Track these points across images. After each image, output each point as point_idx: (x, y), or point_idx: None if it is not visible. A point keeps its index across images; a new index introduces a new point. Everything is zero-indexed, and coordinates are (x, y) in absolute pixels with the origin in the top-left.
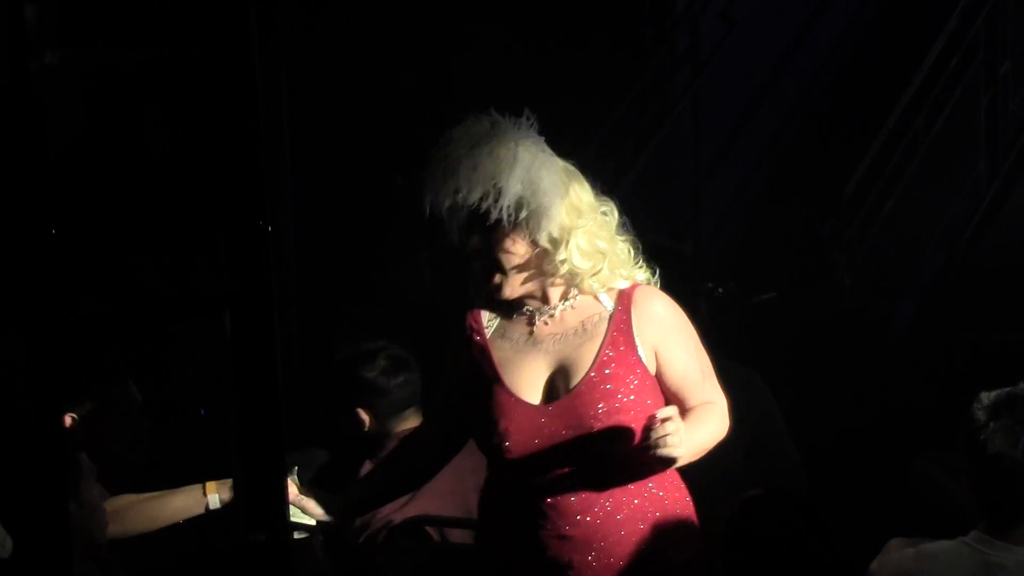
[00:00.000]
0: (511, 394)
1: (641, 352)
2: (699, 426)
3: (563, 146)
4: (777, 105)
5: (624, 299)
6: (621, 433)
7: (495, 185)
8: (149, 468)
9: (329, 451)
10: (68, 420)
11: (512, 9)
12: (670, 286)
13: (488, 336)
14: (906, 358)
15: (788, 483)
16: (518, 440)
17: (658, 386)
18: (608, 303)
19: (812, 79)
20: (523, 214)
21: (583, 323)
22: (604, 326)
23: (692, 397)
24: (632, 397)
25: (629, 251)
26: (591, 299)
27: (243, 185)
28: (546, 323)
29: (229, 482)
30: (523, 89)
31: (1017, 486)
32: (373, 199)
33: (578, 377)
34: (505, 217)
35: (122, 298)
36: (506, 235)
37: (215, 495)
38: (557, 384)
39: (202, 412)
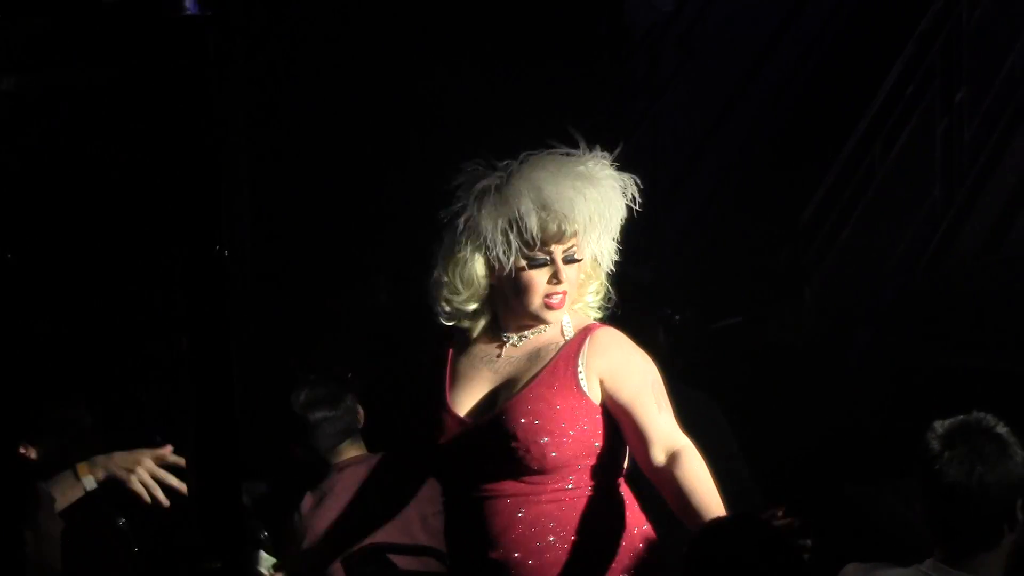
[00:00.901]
0: (448, 409)
1: (582, 378)
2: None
3: None
4: (734, 132)
5: (584, 332)
6: (545, 450)
7: (595, 224)
8: (102, 494)
9: (269, 481)
10: (23, 449)
11: (469, 36)
12: (628, 313)
13: (452, 352)
14: (863, 383)
15: (742, 505)
16: (448, 453)
17: (600, 415)
18: (569, 334)
19: (769, 106)
20: (596, 248)
21: (539, 349)
22: (554, 352)
23: (647, 424)
24: (563, 422)
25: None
26: (557, 329)
27: (200, 210)
28: (515, 345)
29: (99, 460)
30: (480, 115)
31: (973, 515)
32: (330, 222)
33: (510, 394)
34: (594, 251)
35: (79, 323)
36: (578, 265)
37: (88, 477)
38: (493, 401)
39: (156, 437)
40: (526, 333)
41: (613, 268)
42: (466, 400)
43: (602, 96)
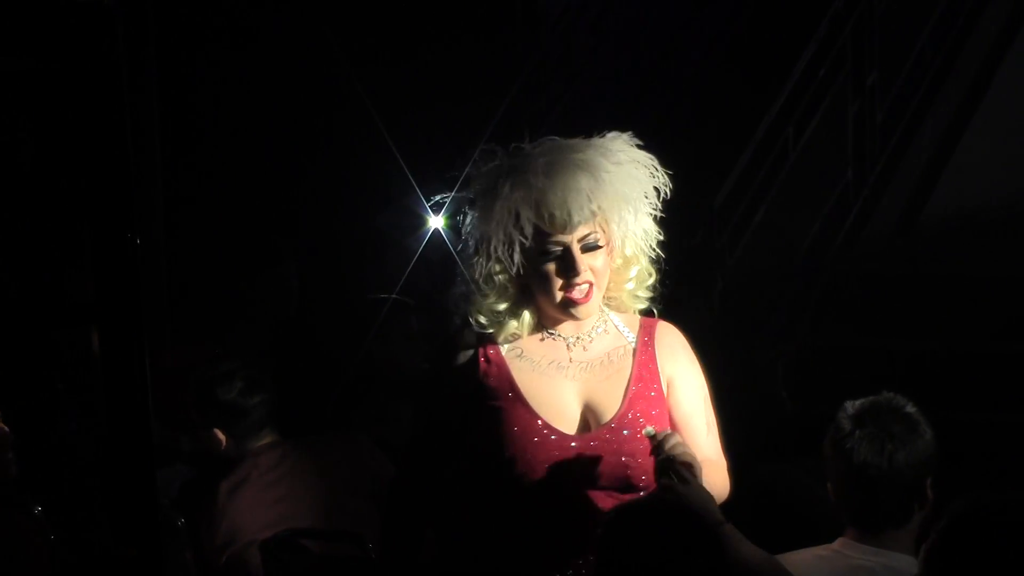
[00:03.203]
0: (540, 420)
1: (663, 383)
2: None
3: (437, 157)
4: (647, 117)
5: (647, 331)
6: (649, 469)
7: (612, 207)
8: (17, 481)
9: (184, 470)
10: None
11: (382, 21)
12: None
13: (504, 354)
14: (775, 365)
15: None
16: (546, 471)
17: None
18: (628, 334)
19: (682, 89)
20: (623, 231)
21: (608, 354)
22: (630, 360)
23: (693, 442)
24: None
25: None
26: (614, 328)
27: (111, 197)
28: (585, 349)
29: None
30: (393, 100)
31: (883, 493)
32: (242, 208)
33: (612, 411)
34: (614, 236)
35: None
36: (605, 250)
37: None
38: (588, 416)
39: (71, 425)
40: (582, 334)
41: (655, 250)
42: (555, 411)
43: (517, 81)
